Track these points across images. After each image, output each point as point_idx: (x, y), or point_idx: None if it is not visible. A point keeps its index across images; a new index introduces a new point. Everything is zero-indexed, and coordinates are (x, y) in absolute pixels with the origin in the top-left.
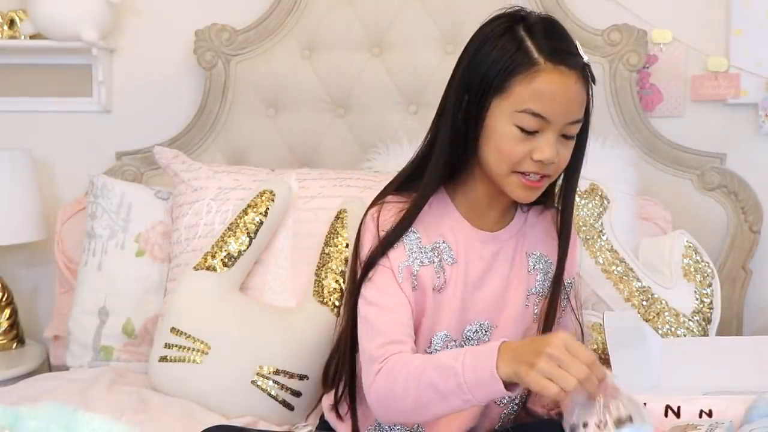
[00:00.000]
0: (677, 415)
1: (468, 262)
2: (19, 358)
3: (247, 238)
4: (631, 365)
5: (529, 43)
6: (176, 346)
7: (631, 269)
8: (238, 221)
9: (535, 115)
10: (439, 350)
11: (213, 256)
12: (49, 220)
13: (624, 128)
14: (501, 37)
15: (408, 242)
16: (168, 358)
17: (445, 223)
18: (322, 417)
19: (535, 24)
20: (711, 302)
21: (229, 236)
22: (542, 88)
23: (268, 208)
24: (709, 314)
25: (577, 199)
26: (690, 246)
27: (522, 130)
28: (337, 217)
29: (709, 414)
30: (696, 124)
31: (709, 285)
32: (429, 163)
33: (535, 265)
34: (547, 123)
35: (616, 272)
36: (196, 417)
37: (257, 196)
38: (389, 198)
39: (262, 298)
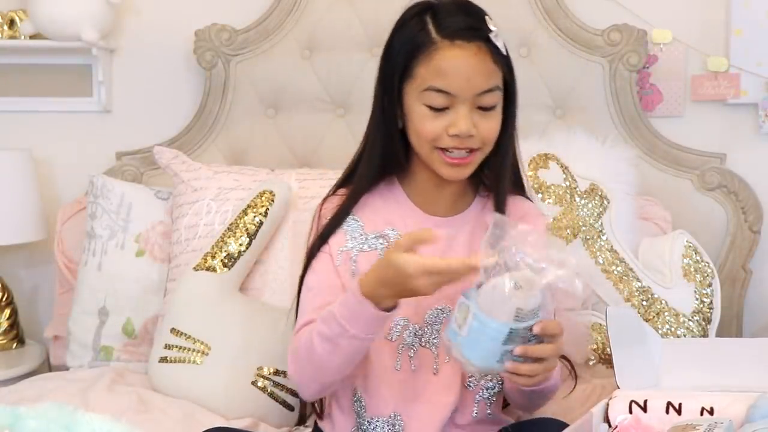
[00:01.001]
0: (678, 412)
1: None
2: (19, 358)
3: (247, 239)
4: (633, 362)
5: (430, 26)
6: (176, 346)
7: (631, 269)
8: (238, 222)
9: (439, 91)
10: (398, 336)
11: (213, 257)
12: (49, 220)
13: (624, 128)
14: (408, 24)
15: (349, 229)
16: (168, 358)
17: (395, 211)
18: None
19: (442, 6)
20: (711, 302)
21: (229, 237)
22: (440, 64)
23: (267, 209)
24: (709, 314)
25: (577, 198)
26: (690, 246)
27: (431, 108)
28: None
29: (711, 411)
30: (696, 124)
31: (709, 285)
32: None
33: None
34: (454, 97)
35: (616, 272)
36: (196, 418)
37: (257, 196)
38: (339, 192)
39: (262, 298)
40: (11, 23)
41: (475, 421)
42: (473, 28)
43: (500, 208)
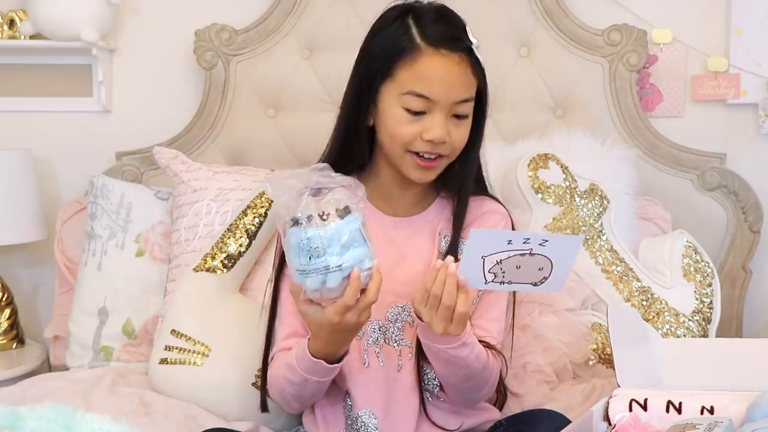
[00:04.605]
0: (678, 411)
1: (377, 249)
2: (19, 358)
3: (247, 239)
4: (634, 361)
5: (414, 30)
6: (176, 348)
7: (630, 269)
8: (238, 222)
9: (419, 96)
10: (364, 332)
11: (213, 258)
12: (49, 220)
13: (624, 128)
14: (390, 26)
15: None
16: (168, 360)
17: None
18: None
19: (424, 12)
20: (711, 302)
21: (229, 237)
22: (423, 70)
23: (267, 209)
24: (709, 314)
25: (577, 198)
26: (690, 246)
27: (409, 111)
28: None
29: (711, 411)
30: (696, 124)
31: (709, 285)
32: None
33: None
34: (433, 103)
35: (615, 272)
36: (197, 421)
37: (257, 197)
38: None
39: (262, 299)
40: (11, 23)
41: (449, 410)
42: (457, 38)
43: (462, 210)
